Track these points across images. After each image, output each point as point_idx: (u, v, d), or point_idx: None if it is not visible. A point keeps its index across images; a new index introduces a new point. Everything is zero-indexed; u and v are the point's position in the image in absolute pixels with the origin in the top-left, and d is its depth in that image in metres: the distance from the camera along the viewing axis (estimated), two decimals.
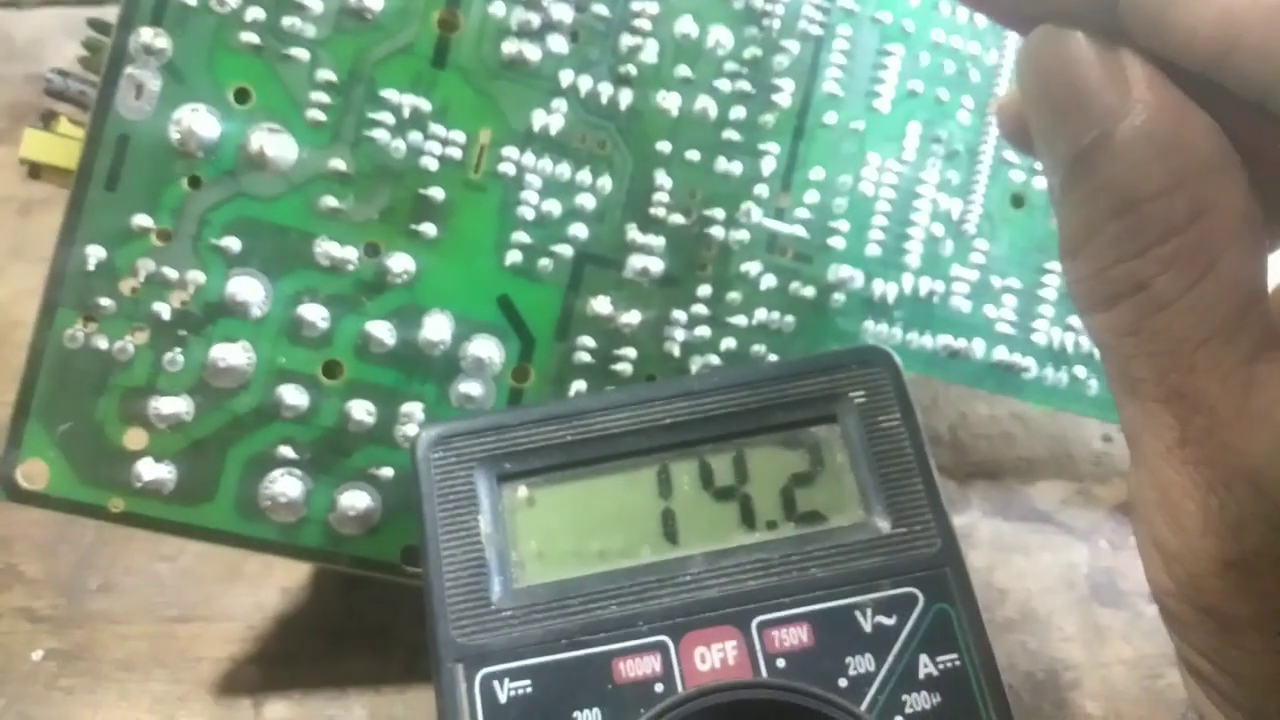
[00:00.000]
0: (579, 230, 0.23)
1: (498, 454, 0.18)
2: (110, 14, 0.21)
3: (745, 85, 0.23)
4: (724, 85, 0.23)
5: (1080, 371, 0.25)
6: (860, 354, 0.19)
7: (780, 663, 0.17)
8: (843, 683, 0.17)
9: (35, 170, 0.22)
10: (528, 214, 0.22)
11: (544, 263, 0.22)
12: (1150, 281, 0.15)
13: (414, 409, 0.22)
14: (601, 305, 0.23)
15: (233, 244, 0.21)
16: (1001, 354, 0.25)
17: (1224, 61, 0.15)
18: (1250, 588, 0.15)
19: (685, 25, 0.23)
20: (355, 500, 0.21)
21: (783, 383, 0.19)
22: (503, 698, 0.17)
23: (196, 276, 0.21)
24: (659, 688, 0.17)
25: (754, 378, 0.19)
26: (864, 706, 0.17)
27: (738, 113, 0.23)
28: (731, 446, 0.19)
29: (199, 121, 0.21)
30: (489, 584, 0.17)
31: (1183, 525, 0.16)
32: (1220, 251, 0.15)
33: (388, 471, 0.22)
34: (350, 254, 0.21)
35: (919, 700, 0.17)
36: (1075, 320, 0.25)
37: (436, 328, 0.22)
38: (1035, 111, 0.17)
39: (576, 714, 0.17)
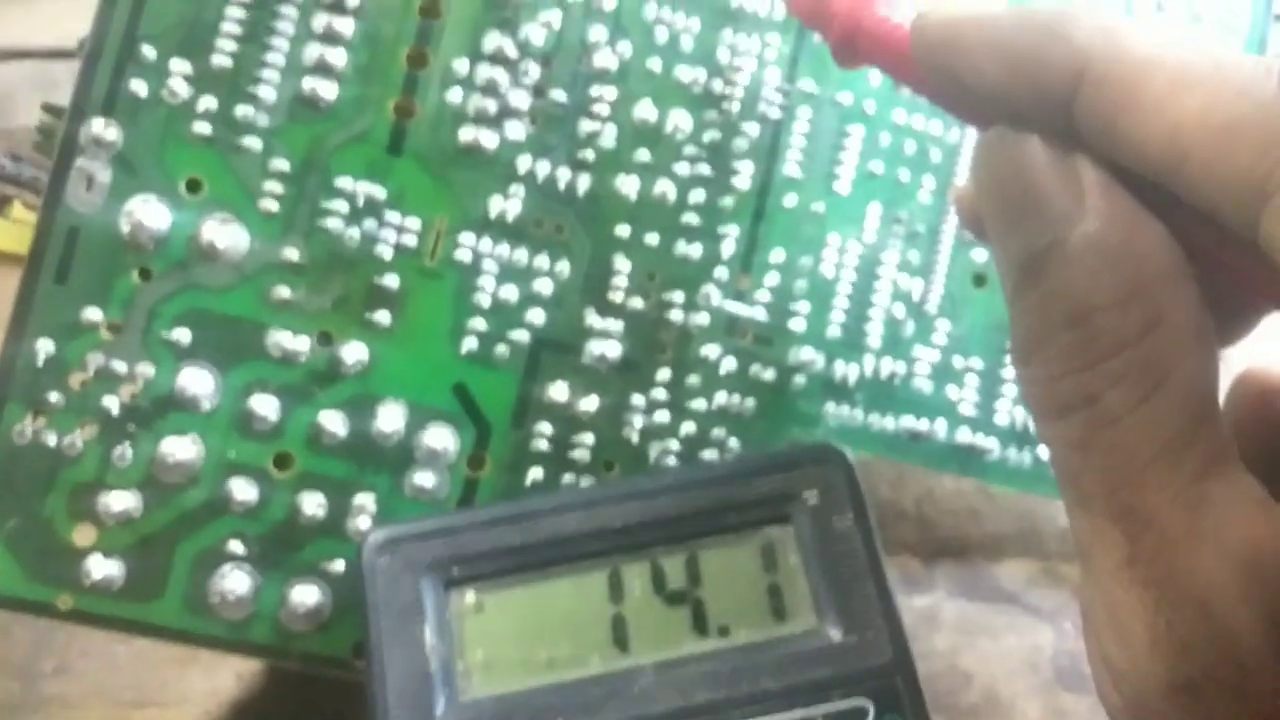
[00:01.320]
0: (536, 316, 0.22)
1: (445, 559, 0.18)
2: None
3: (704, 168, 0.23)
4: (683, 169, 0.23)
5: (1043, 453, 0.25)
6: (813, 452, 0.19)
7: None
8: None
9: None
10: (484, 300, 0.22)
11: (500, 349, 0.22)
12: (1100, 395, 0.15)
13: (366, 500, 0.21)
14: (559, 392, 0.22)
15: (183, 336, 0.21)
16: (964, 435, 0.24)
17: (1174, 174, 0.15)
18: (1198, 711, 0.15)
19: (644, 110, 0.23)
20: (305, 596, 0.21)
21: (735, 482, 0.19)
22: None
23: (146, 370, 0.21)
24: None
25: (706, 477, 0.19)
26: None
27: (697, 196, 0.23)
28: (684, 548, 0.19)
29: (150, 213, 0.21)
30: (433, 698, 0.17)
31: (1131, 645, 0.15)
32: (1172, 366, 0.15)
33: (339, 565, 0.21)
34: (302, 344, 0.21)
35: None
36: None
37: (390, 417, 0.22)
38: (989, 212, 0.17)
39: None
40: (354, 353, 0.21)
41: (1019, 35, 0.16)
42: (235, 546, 0.21)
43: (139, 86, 0.21)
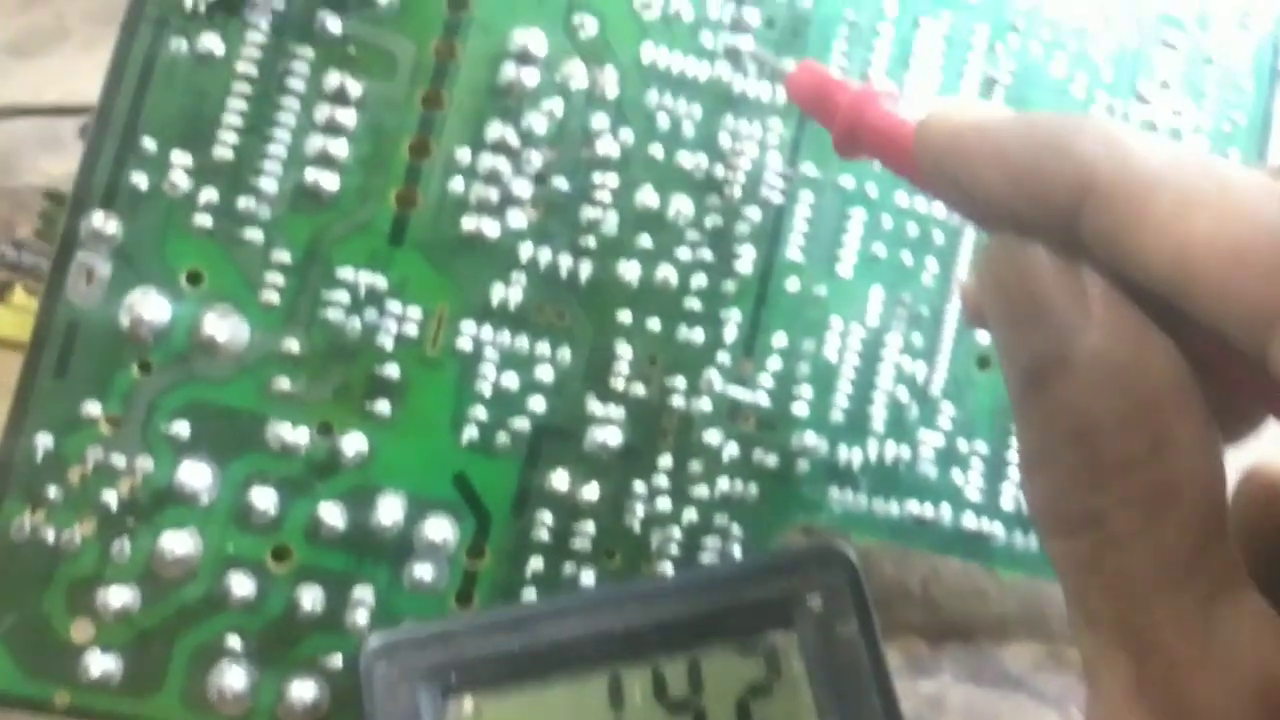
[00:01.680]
0: (537, 404, 0.22)
1: (443, 665, 0.18)
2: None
3: (706, 253, 0.23)
4: (685, 254, 0.23)
5: None
6: (817, 554, 0.19)
7: None
8: None
9: None
10: (485, 389, 0.22)
11: (501, 438, 0.22)
12: (1107, 517, 0.15)
13: (365, 594, 0.21)
14: (560, 480, 0.22)
15: (182, 429, 0.21)
16: (970, 521, 0.24)
17: (1181, 295, 0.14)
18: None
19: (646, 196, 0.23)
20: (303, 691, 0.21)
21: (738, 586, 0.19)
22: None
23: (145, 463, 0.21)
24: None
25: (708, 580, 0.19)
26: None
27: (699, 281, 0.23)
28: (686, 654, 0.18)
29: (150, 306, 0.21)
30: None
31: None
32: (1180, 488, 0.15)
33: (336, 660, 0.21)
34: (302, 436, 0.21)
35: None
36: None
37: (389, 509, 0.21)
38: (993, 318, 0.17)
39: None
40: (354, 443, 0.21)
41: (1023, 147, 0.16)
42: (233, 642, 0.21)
43: (140, 179, 0.21)
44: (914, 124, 0.18)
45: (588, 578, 0.22)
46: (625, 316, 0.23)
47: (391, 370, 0.22)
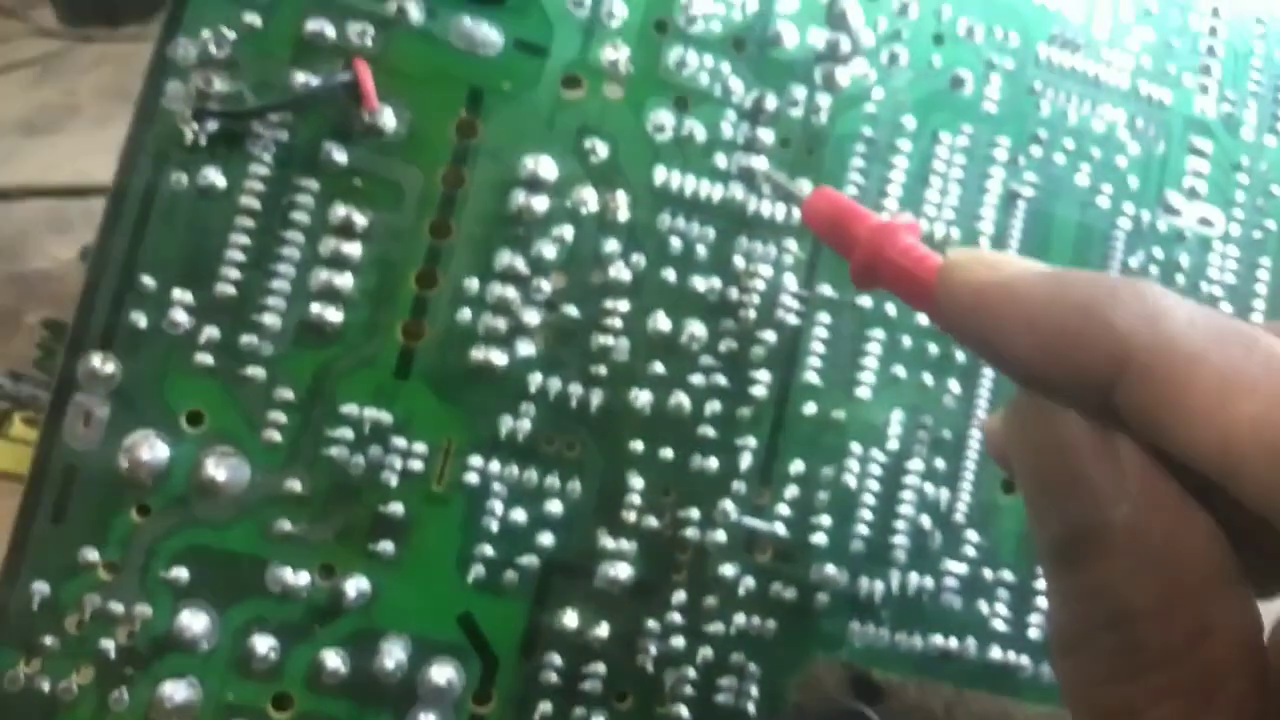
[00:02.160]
0: (546, 539, 0.22)
1: None
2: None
3: (721, 379, 0.23)
4: (698, 380, 0.22)
5: None
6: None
7: None
8: None
9: None
10: (492, 525, 0.21)
11: (509, 576, 0.21)
12: (1143, 710, 0.14)
13: None
14: (569, 619, 0.22)
15: (182, 574, 0.20)
16: (995, 653, 0.23)
17: (1224, 479, 0.14)
18: None
19: (658, 321, 0.22)
20: None
21: None
22: None
23: (144, 610, 0.20)
24: None
25: None
26: None
27: (713, 407, 0.22)
28: None
29: (149, 449, 0.20)
30: None
31: None
32: (1221, 683, 0.14)
33: None
34: (303, 579, 0.21)
35: None
36: None
37: (393, 653, 0.21)
38: (1023, 480, 0.16)
39: None
40: (356, 585, 0.21)
41: (1055, 314, 0.15)
42: None
43: (139, 318, 0.20)
44: (935, 262, 0.17)
45: None
46: (637, 446, 0.22)
47: (396, 508, 0.21)
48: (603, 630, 0.22)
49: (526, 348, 0.22)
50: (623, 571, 0.22)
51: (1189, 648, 0.14)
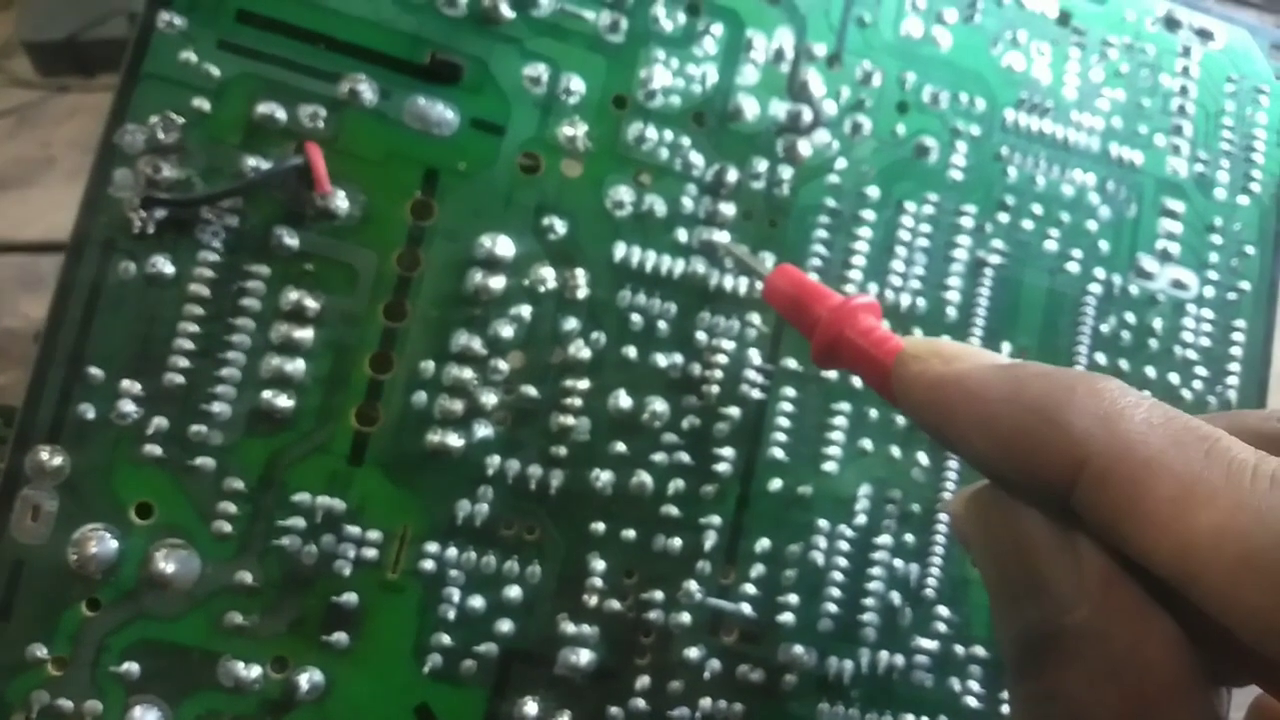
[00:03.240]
0: (505, 626, 0.21)
1: None
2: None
3: (684, 456, 0.22)
4: (661, 458, 0.22)
5: None
6: None
7: None
8: None
9: None
10: (449, 613, 0.21)
11: (467, 665, 0.21)
12: None
13: None
14: (530, 708, 0.21)
15: (132, 669, 0.20)
16: None
17: (1183, 587, 0.13)
18: None
19: (619, 400, 0.22)
20: None
21: None
22: None
23: (94, 707, 0.20)
24: None
25: None
26: None
27: (676, 485, 0.22)
28: None
29: (98, 542, 0.20)
30: None
31: None
32: None
33: None
34: (255, 672, 0.20)
35: None
36: None
37: None
38: (984, 573, 0.16)
39: None
40: (310, 678, 0.20)
41: (1010, 414, 0.15)
42: None
43: (87, 409, 0.20)
44: (896, 344, 0.17)
45: None
46: (599, 527, 0.22)
47: (350, 598, 0.21)
48: (565, 719, 0.21)
49: (484, 430, 0.21)
50: (584, 657, 0.21)
51: None
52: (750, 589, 0.22)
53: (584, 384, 0.22)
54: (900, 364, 0.17)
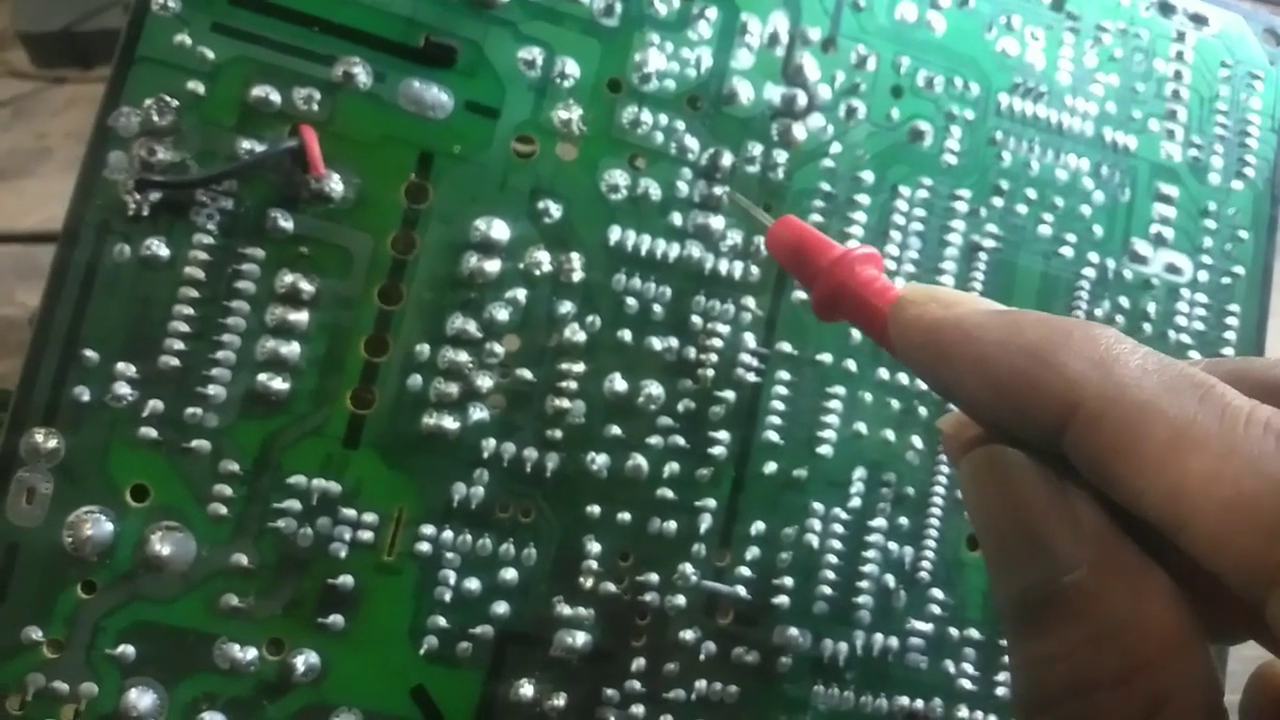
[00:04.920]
0: (501, 608, 0.21)
1: None
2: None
3: (679, 440, 0.22)
4: (656, 441, 0.22)
5: None
6: None
7: None
8: None
9: None
10: (445, 595, 0.21)
11: (463, 647, 0.21)
12: None
13: None
14: (525, 689, 0.21)
15: (128, 651, 0.20)
16: (963, 712, 0.23)
17: (1173, 532, 0.13)
18: None
19: (615, 383, 0.22)
20: None
21: None
22: None
23: (90, 689, 0.20)
24: None
25: None
26: None
27: (672, 469, 0.22)
28: None
29: (93, 524, 0.20)
30: None
31: None
32: None
33: None
34: (251, 654, 0.20)
35: None
36: None
37: None
38: (980, 535, 0.16)
39: None
40: (306, 660, 0.20)
41: (1006, 356, 0.15)
42: None
43: (82, 392, 0.20)
44: (896, 294, 0.17)
45: None
46: (595, 510, 0.22)
47: (346, 580, 0.21)
48: (560, 700, 0.21)
49: (479, 413, 0.21)
50: (580, 639, 0.21)
51: (1149, 715, 0.13)
52: (745, 571, 0.22)
53: (579, 367, 0.22)
54: (899, 308, 0.17)
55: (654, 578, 0.22)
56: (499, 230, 0.22)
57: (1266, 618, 0.13)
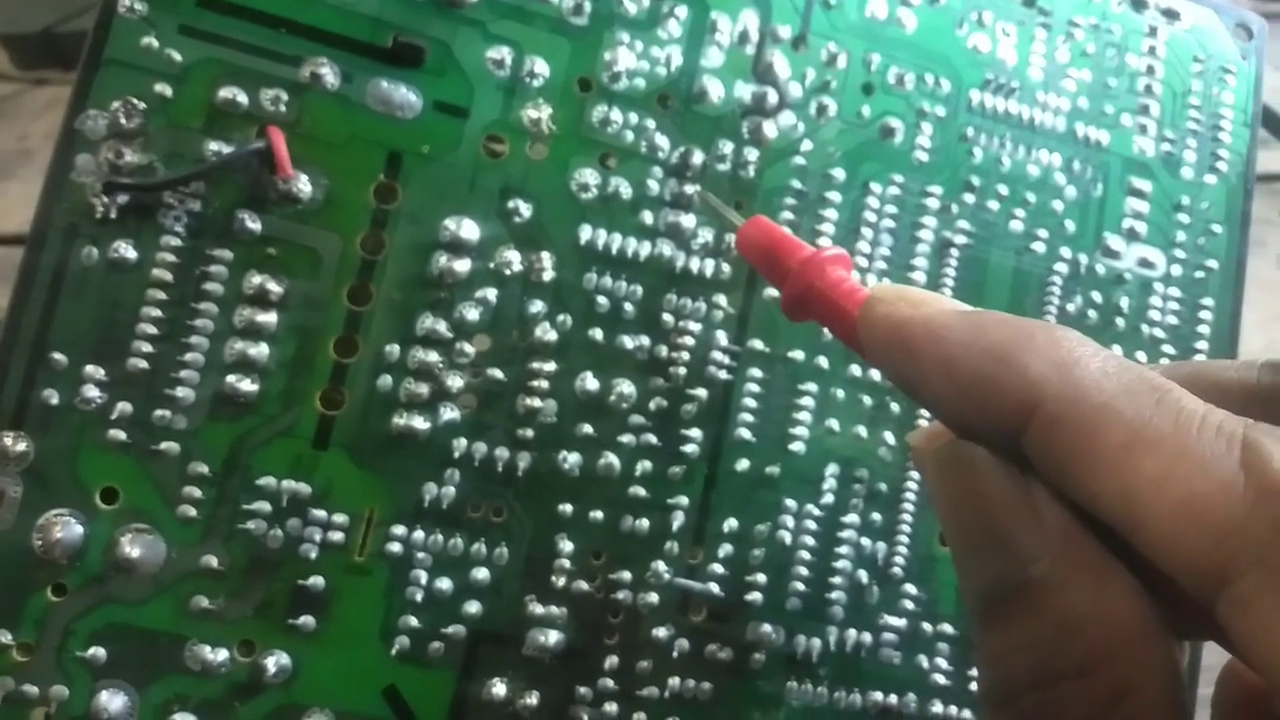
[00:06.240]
0: (473, 607, 0.21)
1: None
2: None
3: (651, 438, 0.22)
4: (628, 439, 0.22)
5: None
6: None
7: None
8: None
9: None
10: (417, 595, 0.21)
11: (435, 646, 0.21)
12: None
13: None
14: (498, 688, 0.21)
15: (99, 654, 0.20)
16: (937, 708, 0.23)
17: (1127, 532, 0.13)
18: None
19: (586, 382, 0.22)
20: None
21: None
22: None
23: (60, 692, 0.20)
24: None
25: None
26: None
27: (644, 467, 0.22)
28: None
29: (63, 527, 0.20)
30: None
31: None
32: None
33: None
34: (222, 656, 0.20)
35: None
36: None
37: None
38: (946, 530, 0.16)
39: None
40: (277, 661, 0.20)
41: (970, 356, 0.15)
42: None
43: (50, 395, 0.20)
44: (864, 295, 0.17)
45: None
46: (566, 509, 0.22)
47: (316, 581, 0.21)
48: (533, 699, 0.21)
49: (450, 413, 0.21)
50: (553, 638, 0.21)
51: (1112, 707, 0.14)
52: (718, 569, 0.22)
53: (550, 366, 0.22)
54: (867, 307, 0.17)
55: (626, 576, 0.22)
56: (469, 230, 0.22)
57: (1217, 617, 0.13)
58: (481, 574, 0.21)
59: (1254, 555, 0.12)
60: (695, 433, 0.22)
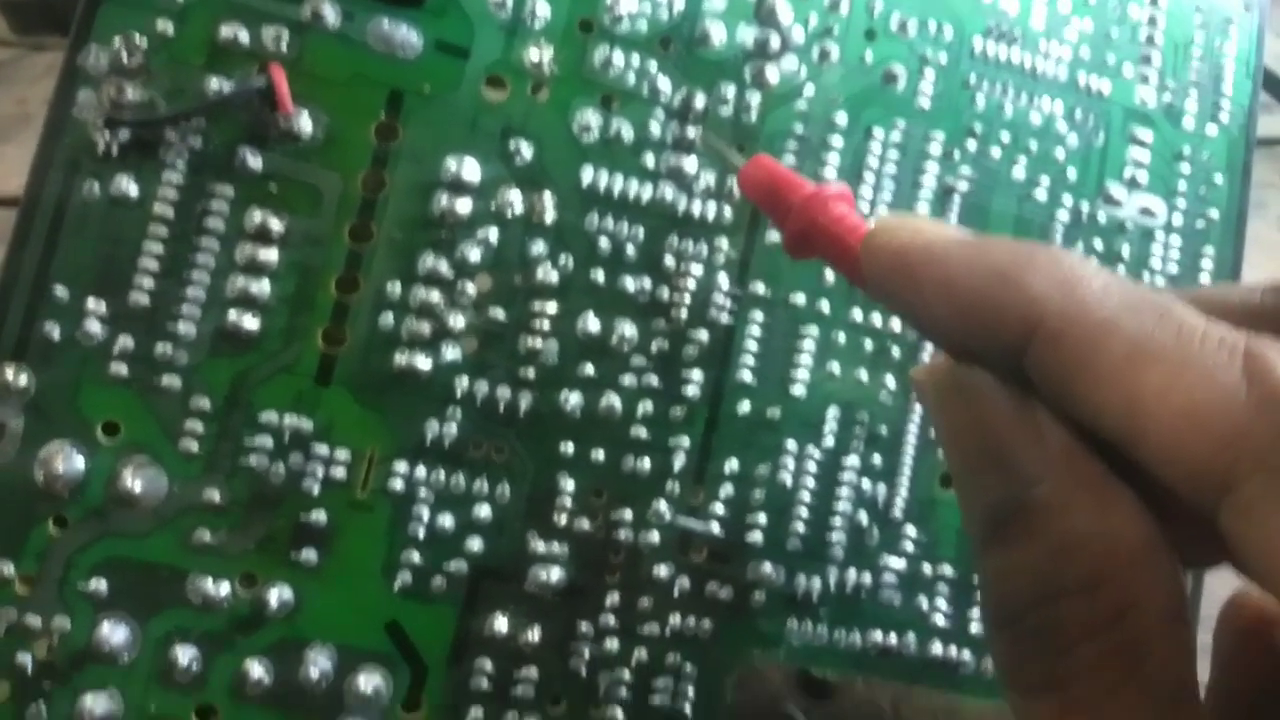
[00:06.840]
0: (475, 544, 0.21)
1: None
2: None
3: (653, 379, 0.22)
4: (630, 381, 0.22)
5: None
6: None
7: None
8: None
9: None
10: (419, 531, 0.21)
11: (437, 582, 0.21)
12: (1070, 682, 0.14)
13: None
14: (500, 624, 0.21)
15: (101, 586, 0.20)
16: (936, 648, 0.23)
17: (1130, 447, 0.13)
18: None
19: (588, 323, 0.22)
20: None
21: None
22: None
23: (62, 623, 0.20)
24: None
25: None
26: None
27: (645, 408, 0.22)
28: None
29: (64, 459, 0.20)
30: None
31: None
32: (1145, 654, 0.14)
33: None
34: (224, 589, 0.20)
35: None
36: None
37: (318, 662, 0.20)
38: (949, 456, 0.16)
39: None
40: (279, 595, 0.20)
41: (971, 277, 0.15)
42: None
43: (52, 329, 0.20)
44: (866, 230, 0.17)
45: None
46: (568, 448, 0.22)
47: (319, 516, 0.21)
48: (534, 634, 0.21)
49: (452, 352, 0.21)
50: (554, 575, 0.22)
51: (1114, 622, 0.14)
52: (719, 509, 0.22)
53: (552, 307, 0.22)
54: (870, 236, 0.17)
55: (628, 515, 0.22)
56: (470, 170, 0.22)
57: (1219, 527, 0.13)
58: (483, 511, 0.21)
59: (1257, 460, 0.12)
60: (696, 375, 0.22)
